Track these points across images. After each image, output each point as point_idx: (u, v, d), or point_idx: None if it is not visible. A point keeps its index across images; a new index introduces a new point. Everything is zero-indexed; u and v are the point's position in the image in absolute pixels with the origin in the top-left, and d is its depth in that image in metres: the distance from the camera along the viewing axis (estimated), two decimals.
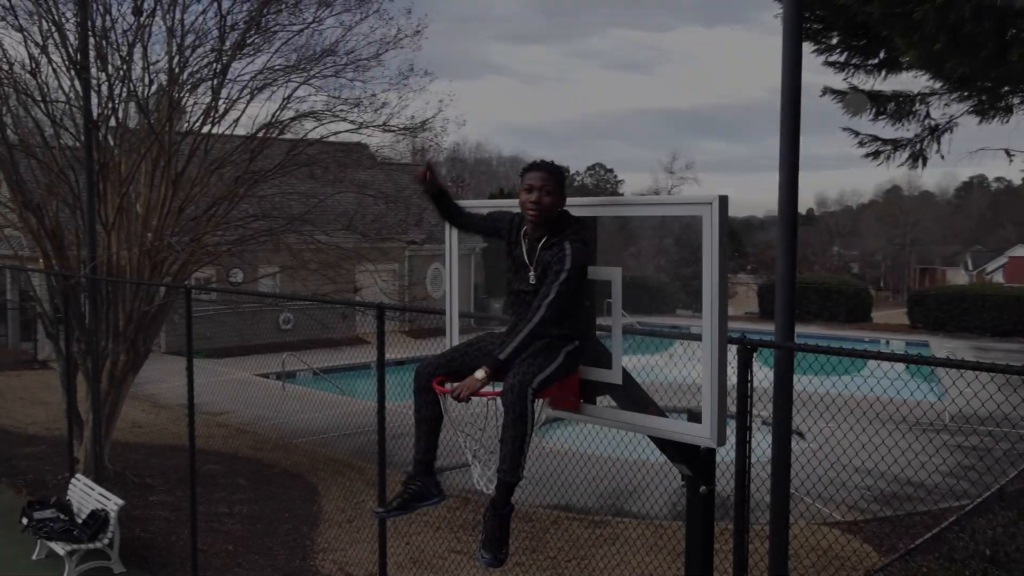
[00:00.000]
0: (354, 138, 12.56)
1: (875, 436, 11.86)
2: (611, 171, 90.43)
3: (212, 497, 11.61)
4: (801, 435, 15.23)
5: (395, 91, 11.91)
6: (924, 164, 6.24)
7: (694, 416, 3.91)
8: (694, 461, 4.26)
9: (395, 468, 13.88)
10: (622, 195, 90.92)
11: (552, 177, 3.74)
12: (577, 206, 3.85)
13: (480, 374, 3.50)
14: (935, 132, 6.20)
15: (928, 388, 18.74)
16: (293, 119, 12.06)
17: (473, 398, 3.54)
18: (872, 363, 6.55)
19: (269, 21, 11.67)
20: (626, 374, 3.91)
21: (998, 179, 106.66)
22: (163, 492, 12.04)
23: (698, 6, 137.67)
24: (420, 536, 10.63)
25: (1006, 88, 5.81)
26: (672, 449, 4.20)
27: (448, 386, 3.75)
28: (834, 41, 5.74)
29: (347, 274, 13.78)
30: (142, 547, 9.98)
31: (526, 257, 3.79)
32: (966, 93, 6.13)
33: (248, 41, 11.69)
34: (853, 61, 5.95)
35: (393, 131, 11.82)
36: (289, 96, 12.17)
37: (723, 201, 3.24)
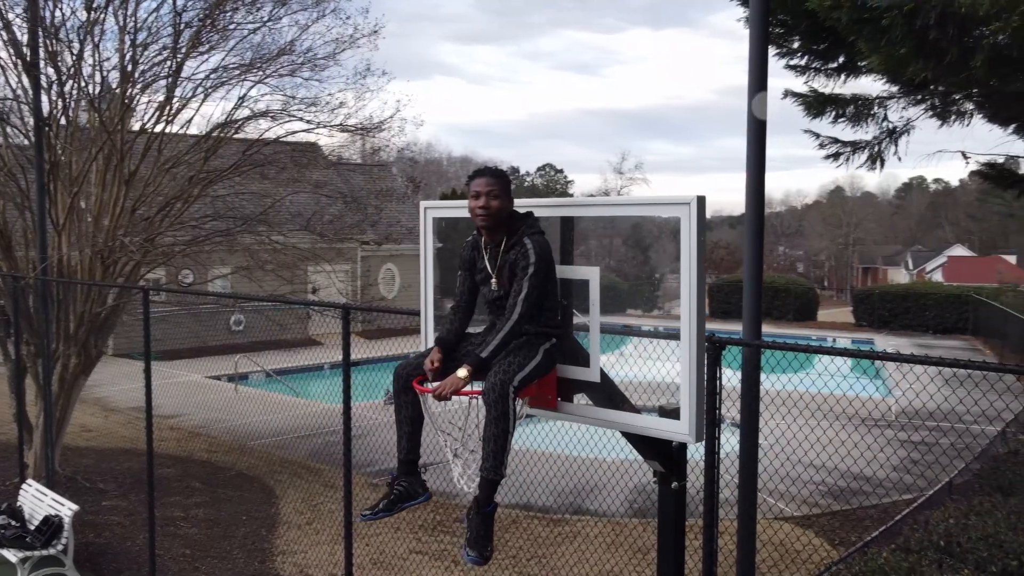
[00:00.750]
0: (310, 138, 12.48)
1: (826, 432, 12.14)
2: (561, 171, 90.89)
3: (167, 501, 11.45)
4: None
5: (352, 91, 11.84)
6: (882, 165, 6.43)
7: (667, 412, 3.99)
8: (666, 458, 4.34)
9: (354, 470, 13.88)
10: (572, 195, 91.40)
11: (497, 181, 3.84)
12: (554, 207, 3.90)
13: (462, 372, 3.54)
14: (893, 135, 6.39)
15: (874, 386, 19.17)
16: (248, 119, 11.94)
17: (454, 397, 3.57)
18: (820, 360, 6.74)
19: (225, 19, 11.53)
20: (602, 372, 3.97)
21: (936, 181, 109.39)
22: (116, 497, 11.84)
23: (646, 9, 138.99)
24: (380, 537, 10.61)
25: (962, 93, 6.00)
26: (645, 446, 4.27)
27: (429, 385, 3.77)
28: (795, 45, 5.87)
29: (301, 275, 13.69)
30: (97, 553, 9.81)
31: (488, 267, 3.88)
32: (922, 97, 6.31)
33: (203, 39, 11.55)
34: (813, 65, 6.09)
35: (351, 131, 11.76)
36: (244, 95, 12.05)
37: (701, 201, 3.31)
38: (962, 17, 3.62)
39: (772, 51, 6.07)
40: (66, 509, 8.94)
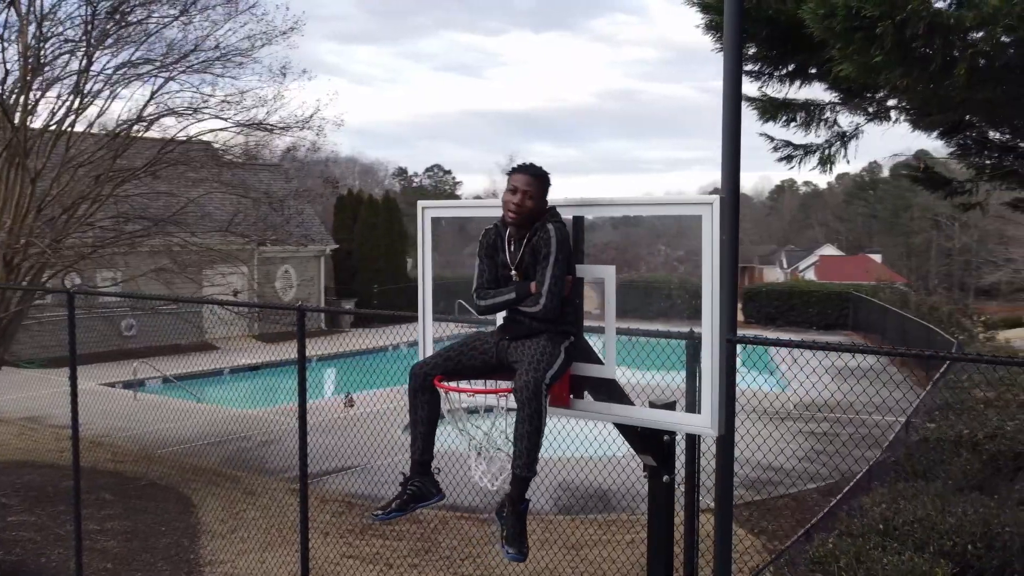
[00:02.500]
0: (225, 136, 12.13)
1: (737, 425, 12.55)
2: (449, 172, 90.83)
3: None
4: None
5: (269, 88, 11.60)
6: (832, 167, 6.75)
7: (667, 406, 4.12)
8: (658, 452, 4.45)
9: (269, 476, 13.62)
10: (479, 197, 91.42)
11: (537, 182, 3.85)
12: (578, 205, 3.95)
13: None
14: (843, 138, 6.71)
15: (774, 379, 19.92)
16: (160, 116, 11.54)
17: (478, 396, 3.59)
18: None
19: (135, 13, 11.12)
20: None
21: (806, 183, 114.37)
22: (22, 512, 11.26)
23: (528, 11, 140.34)
24: (310, 542, 10.42)
25: (897, 99, 6.35)
26: (639, 441, 4.38)
27: (457, 384, 3.79)
28: (751, 52, 6.10)
29: (198, 277, 13.30)
30: (10, 571, 9.32)
31: (509, 260, 3.89)
32: (859, 103, 6.65)
33: (111, 32, 11.12)
34: (766, 71, 6.34)
35: (270, 130, 11.50)
36: (156, 91, 11.65)
37: (723, 202, 3.42)
38: (948, 28, 3.87)
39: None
40: None
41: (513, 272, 3.87)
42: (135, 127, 11.56)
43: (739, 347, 4.84)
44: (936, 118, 5.99)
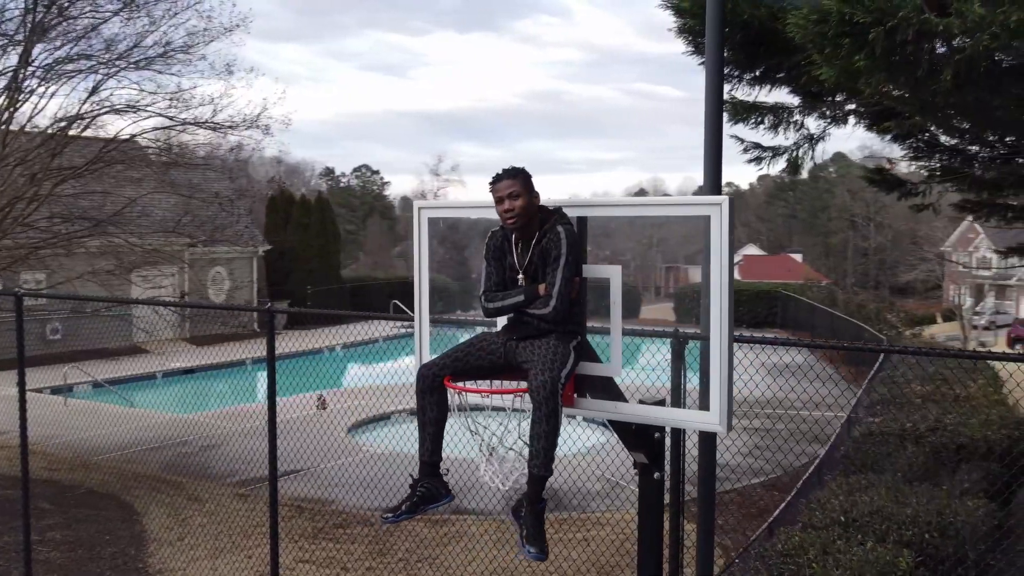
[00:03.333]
0: (172, 136, 11.85)
1: None
2: (377, 172, 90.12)
3: (16, 525, 10.55)
4: (607, 426, 16.07)
5: (214, 86, 11.37)
6: (800, 169, 6.91)
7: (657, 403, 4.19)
8: (650, 449, 4.51)
9: (213, 481, 13.34)
10: (388, 196, 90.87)
11: (515, 180, 3.88)
12: (587, 206, 3.98)
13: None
14: (812, 141, 6.89)
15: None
16: (100, 113, 11.22)
17: (492, 396, 3.58)
18: (647, 352, 7.14)
19: (75, 7, 10.80)
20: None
21: (728, 184, 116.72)
22: None
23: (452, 12, 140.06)
24: (261, 548, 10.24)
25: (857, 103, 6.55)
26: (632, 438, 4.43)
27: (471, 384, 3.78)
28: (723, 55, 6.18)
29: (129, 280, 12.98)
30: None
31: (517, 263, 3.90)
32: (819, 106, 6.83)
33: (50, 25, 10.77)
34: (735, 74, 6.46)
35: (215, 128, 11.26)
36: (96, 88, 11.32)
37: (732, 203, 3.48)
38: (936, 35, 4.01)
39: (697, 60, 6.41)
40: None
41: (520, 275, 3.87)
42: (74, 124, 11.21)
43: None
44: (898, 123, 6.20)
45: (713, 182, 4.89)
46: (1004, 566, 6.96)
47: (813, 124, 6.84)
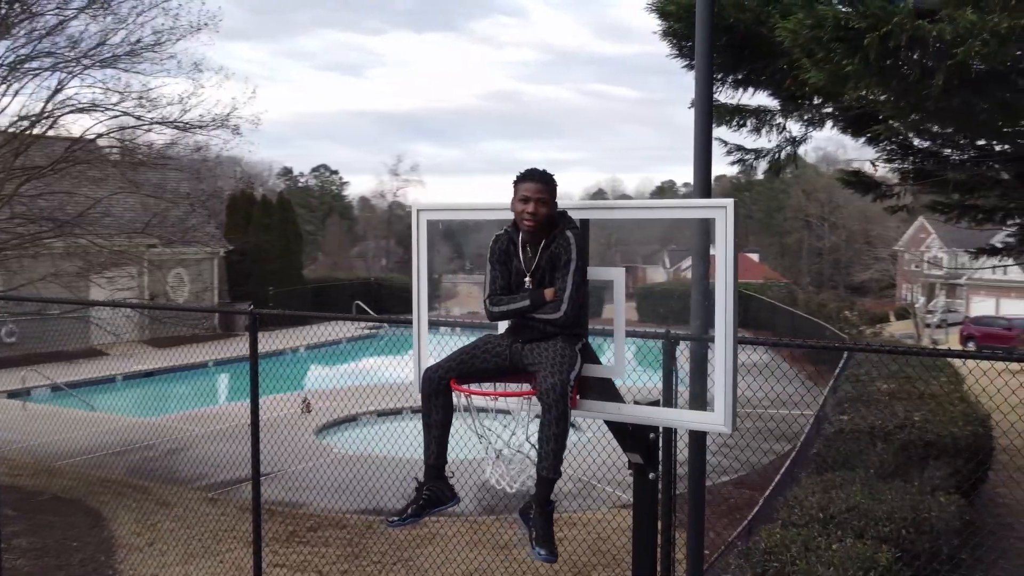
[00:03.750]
0: (139, 135, 11.65)
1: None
2: (336, 172, 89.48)
3: None
4: (575, 426, 16.13)
5: (180, 85, 11.21)
6: (781, 171, 6.98)
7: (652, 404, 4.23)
8: (645, 450, 4.54)
9: (180, 485, 13.16)
10: (346, 196, 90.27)
11: (546, 187, 3.84)
12: (595, 208, 3.99)
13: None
14: (794, 143, 6.98)
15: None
16: (65, 112, 11.02)
17: (500, 399, 3.59)
18: (608, 351, 7.21)
19: (39, 3, 10.60)
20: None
21: (685, 184, 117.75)
22: None
23: (408, 12, 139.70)
24: (234, 552, 10.17)
25: (833, 108, 6.66)
26: (628, 440, 4.46)
27: (475, 387, 3.77)
28: None
29: (87, 282, 12.76)
30: None
31: (524, 266, 3.89)
32: (795, 109, 6.93)
33: (13, 21, 10.56)
34: (718, 76, 6.52)
35: (184, 128, 11.10)
36: (60, 86, 11.12)
37: (737, 205, 3.52)
38: (928, 41, 4.08)
39: (681, 64, 6.46)
40: None
41: (527, 278, 3.87)
42: (39, 124, 11.00)
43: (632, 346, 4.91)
44: (887, 128, 6.31)
45: (703, 183, 4.94)
46: (973, 561, 7.12)
47: (795, 127, 6.95)
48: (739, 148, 7.11)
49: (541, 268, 3.84)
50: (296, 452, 13.89)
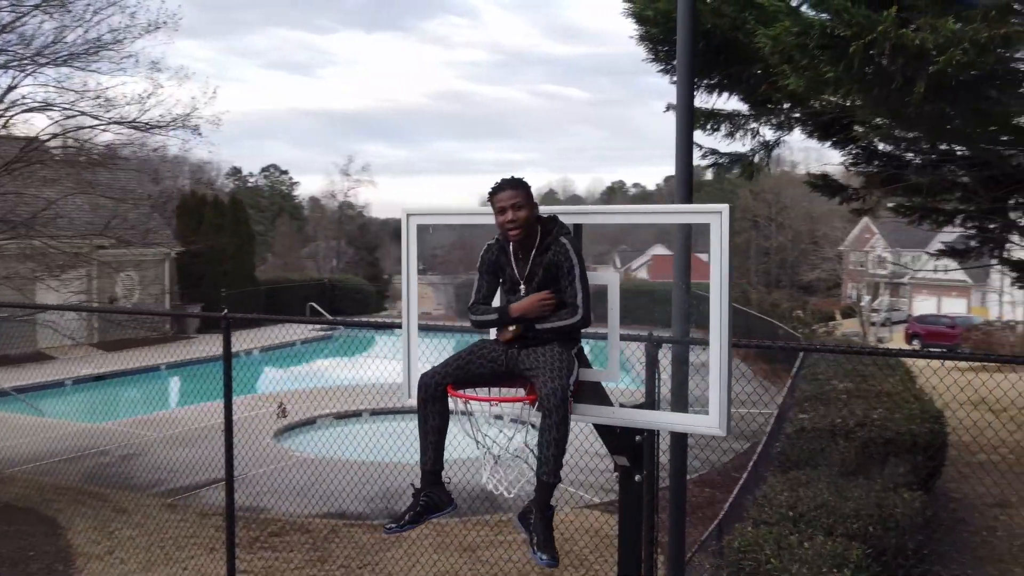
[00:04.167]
0: (95, 135, 11.41)
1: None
2: (286, 172, 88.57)
3: None
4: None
5: (138, 85, 11.00)
6: (756, 175, 7.08)
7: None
8: (631, 452, 4.57)
9: (138, 491, 12.92)
10: (296, 197, 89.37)
11: (518, 191, 3.87)
12: (588, 214, 4.00)
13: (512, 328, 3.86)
14: (768, 147, 7.07)
15: (629, 378, 20.55)
16: (20, 112, 10.76)
17: (502, 405, 3.59)
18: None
19: None
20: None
21: (636, 184, 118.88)
22: None
23: (358, 11, 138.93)
24: (196, 560, 10.01)
25: (801, 112, 6.77)
26: (616, 442, 4.49)
27: (473, 391, 3.76)
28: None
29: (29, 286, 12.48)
30: None
31: (516, 274, 3.91)
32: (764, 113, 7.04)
33: None
34: (693, 81, 6.56)
35: (144, 128, 10.89)
36: (12, 85, 10.86)
37: (731, 210, 3.56)
38: (910, 49, 4.17)
39: (657, 68, 6.52)
40: None
41: (523, 285, 3.88)
42: None
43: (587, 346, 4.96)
44: (866, 131, 6.44)
45: (684, 185, 4.99)
46: (935, 556, 7.29)
47: (769, 132, 7.06)
48: (714, 152, 7.20)
49: (536, 274, 3.85)
50: (255, 456, 13.71)
